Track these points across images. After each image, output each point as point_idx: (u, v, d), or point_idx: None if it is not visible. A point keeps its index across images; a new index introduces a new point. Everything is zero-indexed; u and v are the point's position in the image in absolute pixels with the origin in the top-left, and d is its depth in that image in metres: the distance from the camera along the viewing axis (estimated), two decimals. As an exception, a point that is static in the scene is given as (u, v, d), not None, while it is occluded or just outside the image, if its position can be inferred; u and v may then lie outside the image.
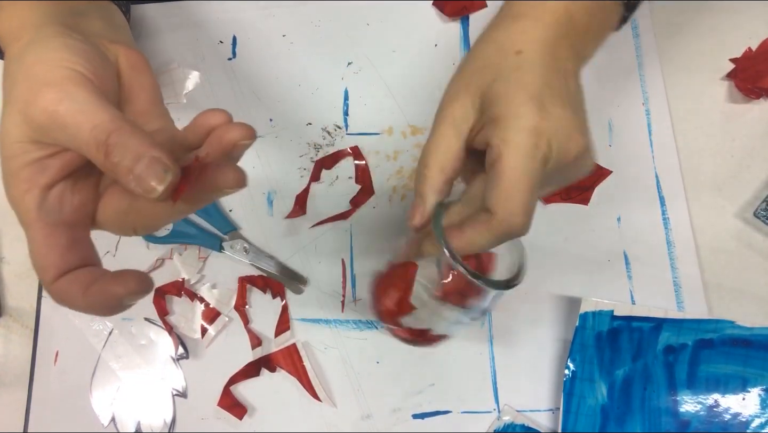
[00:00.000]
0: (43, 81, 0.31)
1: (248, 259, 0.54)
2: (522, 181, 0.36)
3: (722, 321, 0.48)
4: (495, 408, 0.50)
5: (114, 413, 0.52)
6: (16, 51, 0.35)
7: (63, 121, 0.30)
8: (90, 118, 0.30)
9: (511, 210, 0.36)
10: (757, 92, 0.54)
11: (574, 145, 0.38)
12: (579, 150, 0.38)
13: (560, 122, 0.37)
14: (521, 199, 0.36)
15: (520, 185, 0.36)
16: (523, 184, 0.36)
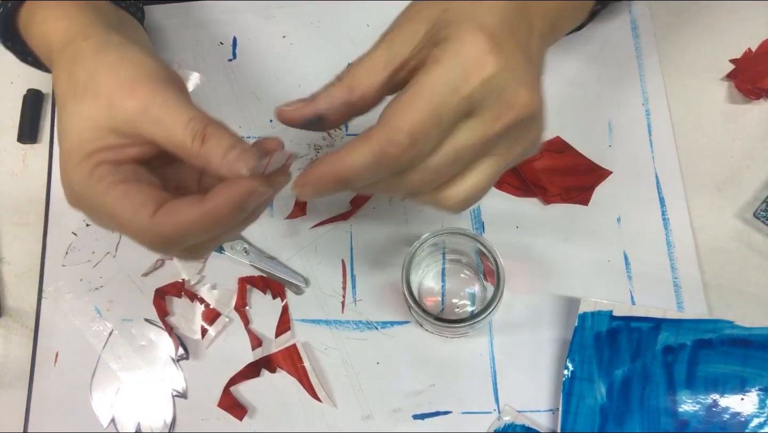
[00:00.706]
0: (133, 78, 0.35)
1: (248, 260, 0.54)
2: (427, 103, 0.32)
3: (721, 321, 0.48)
4: (495, 409, 0.50)
5: (114, 414, 0.52)
6: (88, 48, 0.38)
7: (157, 115, 0.34)
8: (185, 113, 0.34)
9: (399, 123, 0.32)
10: (757, 93, 0.54)
11: (519, 99, 0.33)
12: (524, 107, 0.33)
13: (508, 66, 0.33)
14: (415, 119, 0.32)
15: (422, 105, 0.32)
16: (427, 107, 0.32)
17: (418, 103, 0.32)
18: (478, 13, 0.34)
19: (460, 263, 0.53)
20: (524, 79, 0.34)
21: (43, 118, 0.62)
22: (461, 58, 0.32)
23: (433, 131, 0.33)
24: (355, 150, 0.33)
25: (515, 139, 0.36)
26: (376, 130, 0.33)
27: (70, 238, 0.57)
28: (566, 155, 0.55)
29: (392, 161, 0.33)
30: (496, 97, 0.33)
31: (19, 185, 0.60)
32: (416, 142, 0.32)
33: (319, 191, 0.35)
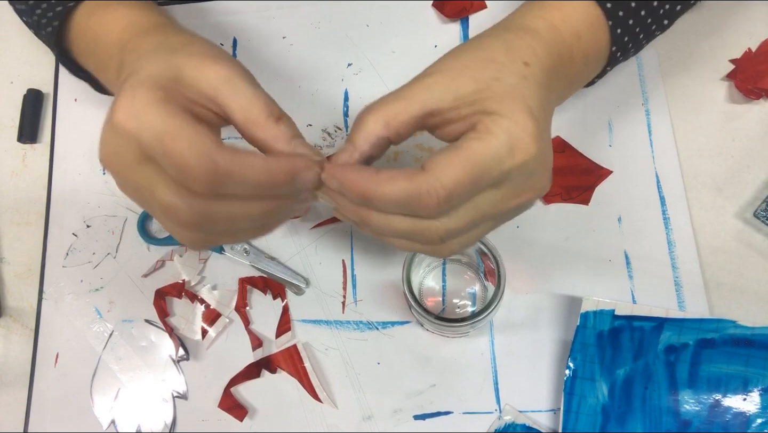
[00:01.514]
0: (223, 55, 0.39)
1: (249, 260, 0.54)
2: (473, 167, 0.34)
3: (724, 321, 0.48)
4: (496, 408, 0.49)
5: (114, 415, 0.52)
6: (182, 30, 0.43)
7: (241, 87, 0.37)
8: (263, 94, 0.39)
9: (442, 178, 0.34)
10: (757, 92, 0.54)
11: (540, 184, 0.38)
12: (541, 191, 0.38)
13: (543, 153, 0.36)
14: (460, 178, 0.34)
15: (468, 168, 0.34)
16: (472, 170, 0.34)
17: (465, 166, 0.34)
18: (526, 92, 0.37)
19: (460, 263, 0.53)
20: (549, 165, 0.38)
21: (43, 118, 0.62)
22: (512, 136, 0.35)
23: (470, 193, 0.35)
24: (393, 182, 0.35)
25: (518, 210, 0.39)
26: (419, 175, 0.35)
27: (70, 239, 0.57)
28: (567, 155, 0.55)
29: (421, 207, 0.35)
30: (525, 178, 0.36)
31: (19, 185, 0.60)
32: (451, 198, 0.35)
33: (340, 191, 0.37)
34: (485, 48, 0.39)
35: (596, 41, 0.44)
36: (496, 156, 0.35)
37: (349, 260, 0.54)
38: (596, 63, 0.46)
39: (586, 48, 0.43)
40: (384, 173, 0.35)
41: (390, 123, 0.38)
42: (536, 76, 0.38)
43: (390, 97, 0.38)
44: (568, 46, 0.42)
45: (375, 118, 0.38)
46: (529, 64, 0.39)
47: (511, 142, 0.35)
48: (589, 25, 0.43)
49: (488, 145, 0.35)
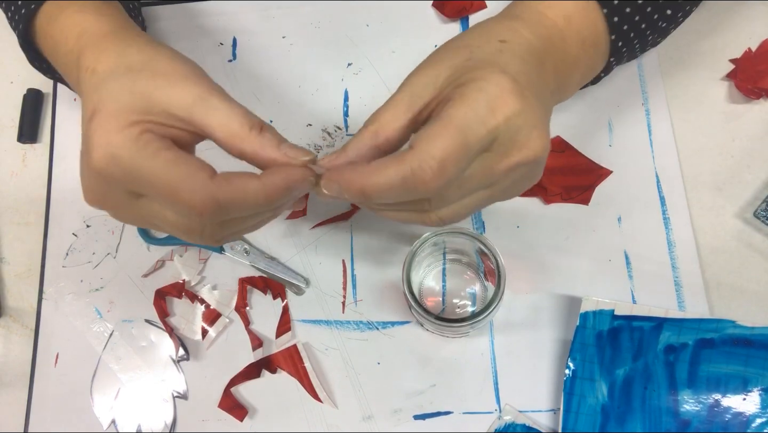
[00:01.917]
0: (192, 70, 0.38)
1: (249, 260, 0.54)
2: (458, 132, 0.34)
3: (723, 321, 0.48)
4: (497, 408, 0.50)
5: (114, 415, 0.52)
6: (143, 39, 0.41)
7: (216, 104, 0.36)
8: (239, 106, 0.37)
9: (430, 150, 0.34)
10: (757, 92, 0.54)
11: (531, 142, 0.36)
12: (532, 151, 0.36)
13: (527, 108, 0.35)
14: (446, 145, 0.34)
15: (452, 133, 0.34)
16: (457, 135, 0.34)
17: (448, 132, 0.34)
18: (500, 60, 0.37)
19: (460, 263, 0.53)
20: (538, 124, 0.36)
21: (43, 118, 0.62)
22: (487, 93, 0.35)
23: (462, 160, 0.35)
24: (385, 169, 0.34)
25: (515, 180, 0.38)
26: (407, 154, 0.34)
27: (70, 239, 0.57)
28: (567, 155, 0.55)
29: (419, 186, 0.34)
30: (512, 136, 0.35)
31: (19, 185, 0.60)
32: (445, 168, 0.34)
33: (340, 193, 0.37)
34: (462, 37, 0.40)
35: (590, 24, 0.43)
36: (476, 115, 0.34)
37: (349, 260, 0.54)
38: (596, 48, 0.44)
39: (580, 29, 0.42)
40: (374, 163, 0.35)
41: (379, 132, 0.38)
42: (514, 50, 0.38)
43: (381, 108, 0.39)
44: (558, 28, 0.41)
45: (365, 133, 0.38)
46: (505, 41, 0.38)
47: (488, 100, 0.34)
48: (580, 8, 0.42)
49: (467, 107, 0.34)
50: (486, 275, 0.51)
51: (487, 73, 0.35)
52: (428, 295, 0.52)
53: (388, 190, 0.35)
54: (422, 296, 0.52)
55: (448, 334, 0.51)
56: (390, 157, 0.35)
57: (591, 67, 0.46)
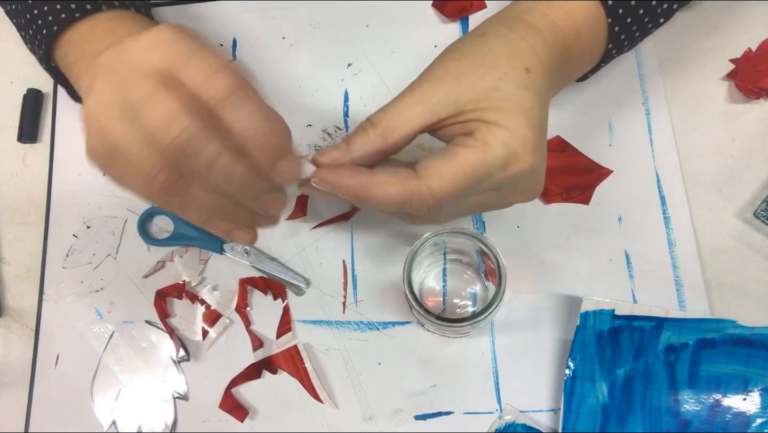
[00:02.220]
0: None
1: (249, 261, 0.54)
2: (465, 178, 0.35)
3: (723, 321, 0.48)
4: (497, 408, 0.50)
5: (115, 416, 0.52)
6: None
7: None
8: None
9: (433, 186, 0.35)
10: (757, 92, 0.54)
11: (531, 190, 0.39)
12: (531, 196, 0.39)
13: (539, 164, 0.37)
14: (449, 187, 0.35)
15: (460, 179, 0.35)
16: (464, 181, 0.35)
17: (457, 175, 0.35)
18: (526, 102, 0.37)
19: (461, 263, 0.53)
20: (542, 173, 0.38)
21: (43, 118, 0.62)
22: (510, 150, 0.35)
23: (461, 198, 0.36)
24: (387, 186, 0.35)
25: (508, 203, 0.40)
26: (411, 179, 0.35)
27: (70, 240, 0.57)
28: (567, 155, 0.55)
29: (414, 209, 0.36)
30: (515, 185, 0.37)
31: (19, 185, 0.60)
32: (440, 205, 0.36)
33: (333, 194, 0.37)
34: (487, 51, 0.39)
35: (594, 39, 0.44)
36: (490, 168, 0.35)
37: (349, 260, 0.54)
38: (592, 59, 0.46)
39: (584, 46, 0.43)
40: (377, 176, 0.36)
41: (388, 136, 0.38)
42: (537, 85, 0.38)
43: (391, 108, 0.38)
44: (567, 45, 0.42)
45: (374, 133, 0.38)
46: (530, 71, 0.38)
47: (508, 155, 0.35)
48: (590, 23, 0.43)
49: (484, 156, 0.35)
50: (486, 274, 0.51)
51: (515, 121, 0.36)
52: (429, 295, 0.52)
53: (384, 204, 0.36)
54: (423, 296, 0.52)
55: (449, 334, 0.51)
56: (392, 174, 0.35)
57: (582, 72, 0.47)
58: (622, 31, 0.45)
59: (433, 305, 0.52)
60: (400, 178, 0.35)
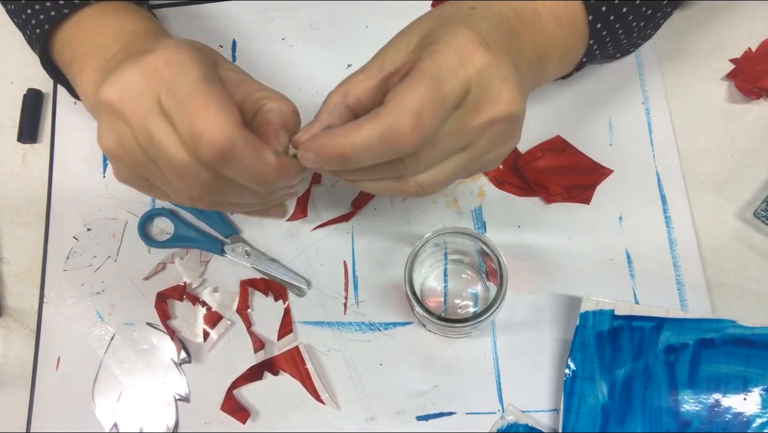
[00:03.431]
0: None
1: (250, 262, 0.54)
2: (431, 82, 0.33)
3: (723, 321, 0.48)
4: (500, 409, 0.50)
5: (116, 419, 0.52)
6: None
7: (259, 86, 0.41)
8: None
9: (405, 102, 0.33)
10: (757, 92, 0.54)
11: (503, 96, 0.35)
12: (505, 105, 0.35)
13: (496, 62, 0.35)
14: (421, 95, 0.33)
15: (426, 83, 0.33)
16: (431, 85, 0.33)
17: (421, 83, 0.33)
18: (469, 20, 0.37)
19: (462, 263, 0.53)
20: (509, 78, 0.35)
21: (43, 118, 0.62)
22: (455, 46, 0.34)
23: (439, 110, 0.34)
24: (361, 128, 0.34)
25: (491, 140, 0.37)
26: (382, 110, 0.34)
27: (71, 242, 0.56)
28: (567, 154, 0.55)
29: (399, 140, 0.33)
30: (484, 89, 0.35)
31: (19, 185, 0.60)
32: (423, 119, 0.33)
33: (318, 162, 0.36)
34: (434, 9, 0.40)
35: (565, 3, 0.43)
36: (449, 67, 0.34)
37: (350, 261, 0.54)
38: (574, 27, 0.44)
39: (554, 7, 0.42)
40: (348, 124, 0.34)
41: (349, 92, 0.38)
42: (483, 14, 0.38)
43: (352, 73, 0.39)
44: (531, 4, 0.41)
45: (335, 92, 0.38)
46: (475, 8, 0.39)
47: (457, 51, 0.34)
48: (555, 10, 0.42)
49: (438, 59, 0.34)
50: (488, 275, 0.51)
51: (454, 29, 0.35)
52: (430, 295, 0.53)
53: (367, 149, 0.34)
54: (424, 296, 0.52)
55: (451, 334, 0.51)
56: (365, 116, 0.34)
57: (571, 46, 0.45)
58: (604, 28, 0.45)
59: (434, 306, 0.52)
60: (371, 115, 0.34)
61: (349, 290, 0.53)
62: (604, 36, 0.46)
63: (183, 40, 0.37)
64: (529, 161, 0.54)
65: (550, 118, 0.56)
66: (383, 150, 0.34)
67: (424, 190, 0.38)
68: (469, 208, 0.55)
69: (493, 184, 0.55)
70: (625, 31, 0.47)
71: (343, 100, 0.38)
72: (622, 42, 0.49)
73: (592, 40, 0.46)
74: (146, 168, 0.37)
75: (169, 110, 0.34)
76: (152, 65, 0.34)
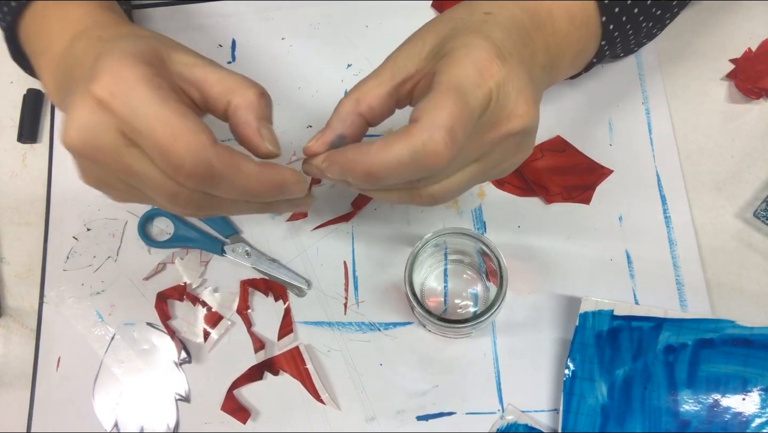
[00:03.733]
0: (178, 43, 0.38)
1: (250, 262, 0.54)
2: (459, 97, 0.33)
3: (722, 321, 0.48)
4: (500, 409, 0.50)
5: (117, 419, 0.52)
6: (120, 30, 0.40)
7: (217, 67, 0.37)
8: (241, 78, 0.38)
9: (437, 119, 0.32)
10: (757, 92, 0.54)
11: (519, 110, 0.35)
12: (521, 120, 0.35)
13: (512, 75, 0.34)
14: (453, 112, 0.32)
15: (455, 99, 0.32)
16: (460, 100, 0.32)
17: (450, 99, 0.32)
18: (484, 29, 0.36)
19: (462, 264, 0.53)
20: (524, 91, 0.35)
21: (43, 118, 0.62)
22: (474, 59, 0.34)
23: (469, 126, 0.33)
24: (393, 147, 0.32)
25: (505, 152, 0.37)
26: (413, 127, 0.32)
27: (70, 242, 0.56)
28: (567, 154, 0.55)
29: (431, 159, 0.32)
30: (502, 103, 0.34)
31: (19, 185, 0.60)
32: (456, 136, 0.32)
33: (344, 176, 0.35)
34: (447, 12, 0.39)
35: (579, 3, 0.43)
36: (471, 79, 0.33)
37: (350, 261, 0.54)
38: (587, 27, 0.43)
39: (568, 7, 0.42)
40: (376, 142, 0.33)
41: (360, 100, 0.37)
42: (498, 21, 0.37)
43: (363, 79, 0.38)
44: (545, 5, 0.41)
45: (346, 100, 0.37)
46: (490, 13, 0.38)
47: (476, 64, 0.33)
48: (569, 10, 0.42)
49: (459, 72, 0.33)
50: (488, 275, 0.51)
51: (470, 39, 0.35)
52: (430, 295, 0.53)
53: (398, 168, 0.33)
54: (424, 296, 0.52)
55: (451, 335, 0.51)
56: (394, 134, 0.33)
57: (583, 47, 0.45)
58: (616, 29, 0.45)
59: (434, 306, 0.52)
60: (401, 133, 0.33)
61: (349, 290, 0.54)
62: (615, 37, 0.46)
63: (122, 48, 0.34)
64: (529, 161, 0.54)
65: (550, 118, 0.56)
66: (414, 169, 0.33)
67: (436, 200, 0.38)
68: (469, 208, 0.55)
69: (493, 185, 0.55)
70: (635, 32, 0.47)
71: (355, 108, 0.37)
72: (630, 41, 0.49)
73: (604, 41, 0.45)
74: (137, 194, 0.37)
75: (136, 141, 0.33)
76: (99, 99, 0.32)
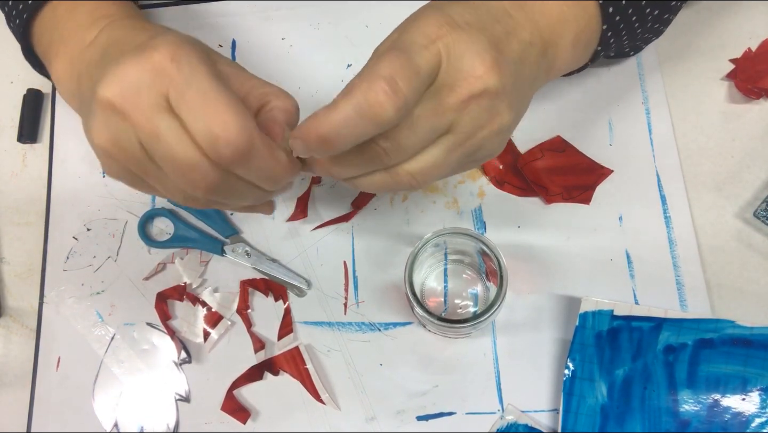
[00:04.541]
0: None
1: (250, 262, 0.54)
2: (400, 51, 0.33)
3: (722, 321, 0.48)
4: (499, 409, 0.50)
5: (117, 419, 0.52)
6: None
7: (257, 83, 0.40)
8: None
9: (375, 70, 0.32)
10: (757, 92, 0.54)
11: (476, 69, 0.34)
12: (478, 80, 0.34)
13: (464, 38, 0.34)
14: (392, 61, 0.32)
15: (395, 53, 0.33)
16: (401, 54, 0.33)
17: (390, 53, 0.33)
18: (442, 5, 0.36)
19: (462, 264, 0.53)
20: (483, 54, 0.34)
21: (43, 118, 0.62)
22: (421, 25, 0.34)
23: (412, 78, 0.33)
24: (337, 106, 0.32)
25: (474, 119, 0.36)
26: (353, 81, 0.33)
27: (70, 242, 0.56)
28: (567, 154, 0.55)
29: (376, 110, 0.32)
30: (453, 65, 0.34)
31: (19, 185, 0.60)
32: (396, 86, 0.32)
33: (306, 149, 0.35)
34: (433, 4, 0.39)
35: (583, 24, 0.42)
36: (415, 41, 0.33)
37: (350, 261, 0.54)
38: (583, 8, 0.43)
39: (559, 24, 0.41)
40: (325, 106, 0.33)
41: None
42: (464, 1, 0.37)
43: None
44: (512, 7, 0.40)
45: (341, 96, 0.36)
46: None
47: (420, 28, 0.34)
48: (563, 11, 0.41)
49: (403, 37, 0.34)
50: (488, 275, 0.51)
51: (421, 11, 0.36)
52: (430, 296, 0.53)
53: (346, 126, 0.32)
54: (424, 296, 0.52)
55: (451, 335, 0.51)
56: (339, 94, 0.33)
57: (584, 27, 0.43)
58: (617, 12, 0.44)
59: (434, 306, 0.52)
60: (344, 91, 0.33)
61: (349, 290, 0.54)
62: (617, 21, 0.45)
63: (179, 34, 0.36)
64: (529, 161, 0.54)
65: (550, 118, 0.56)
66: (362, 124, 0.32)
67: (416, 179, 0.37)
68: (469, 208, 0.55)
69: (493, 185, 0.55)
70: (639, 18, 0.46)
71: None
72: (635, 31, 0.47)
73: (605, 25, 0.44)
74: (142, 166, 0.36)
75: (179, 109, 0.33)
76: (157, 61, 0.33)
